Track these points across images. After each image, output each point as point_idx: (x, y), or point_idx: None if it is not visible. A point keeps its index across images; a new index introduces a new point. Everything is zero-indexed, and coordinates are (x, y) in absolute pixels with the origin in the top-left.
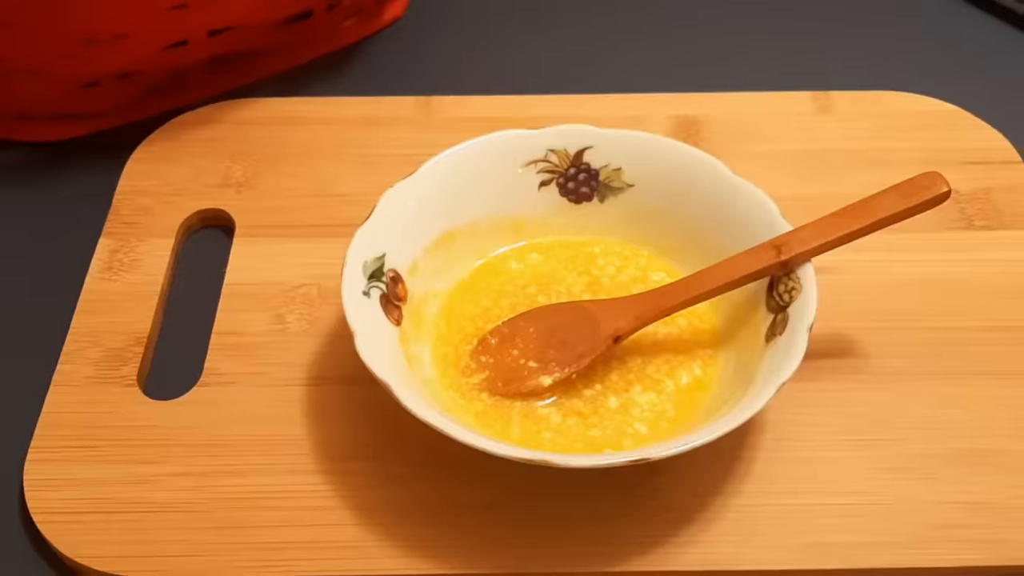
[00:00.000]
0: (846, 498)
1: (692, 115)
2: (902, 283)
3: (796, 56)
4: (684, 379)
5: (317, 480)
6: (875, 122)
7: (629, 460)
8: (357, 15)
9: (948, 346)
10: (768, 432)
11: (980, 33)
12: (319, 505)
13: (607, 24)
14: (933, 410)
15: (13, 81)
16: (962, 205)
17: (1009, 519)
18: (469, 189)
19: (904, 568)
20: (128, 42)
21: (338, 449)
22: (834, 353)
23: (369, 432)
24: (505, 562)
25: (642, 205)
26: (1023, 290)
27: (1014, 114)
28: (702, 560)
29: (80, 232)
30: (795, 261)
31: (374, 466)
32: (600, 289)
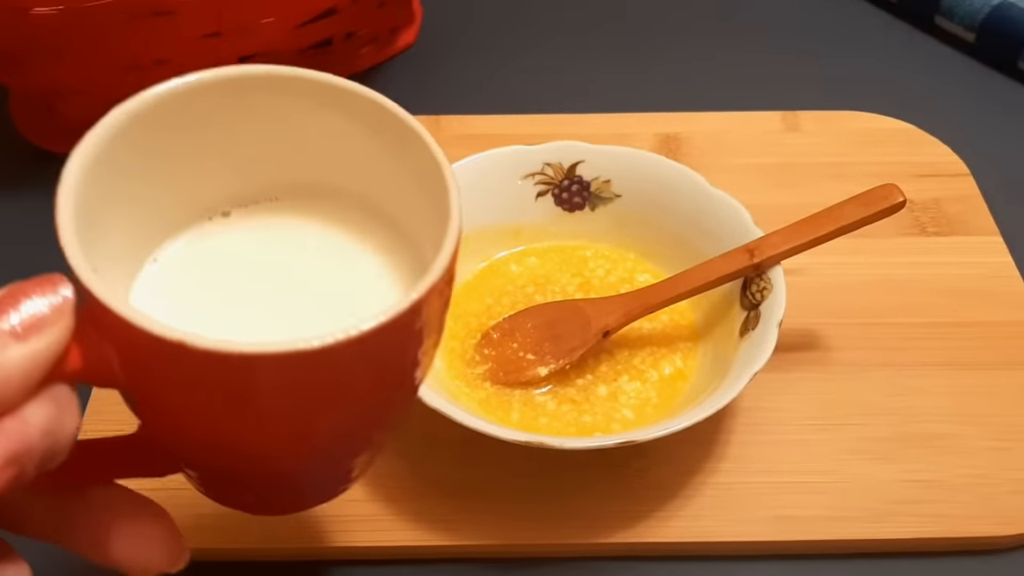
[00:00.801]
0: (811, 477)
1: (673, 132)
2: (862, 283)
3: (767, 80)
4: (667, 370)
5: None
6: (837, 139)
7: (617, 443)
8: (372, 43)
9: (903, 340)
10: (741, 417)
11: (933, 59)
12: None
13: (598, 52)
14: (889, 397)
15: (64, 102)
16: (916, 213)
17: (956, 496)
18: (473, 199)
19: (862, 540)
20: (167, 67)
21: None
22: (801, 346)
23: None
24: (506, 534)
25: (629, 213)
26: (970, 289)
27: (963, 132)
28: (683, 532)
29: None
30: (766, 263)
31: (390, 450)
32: (591, 289)
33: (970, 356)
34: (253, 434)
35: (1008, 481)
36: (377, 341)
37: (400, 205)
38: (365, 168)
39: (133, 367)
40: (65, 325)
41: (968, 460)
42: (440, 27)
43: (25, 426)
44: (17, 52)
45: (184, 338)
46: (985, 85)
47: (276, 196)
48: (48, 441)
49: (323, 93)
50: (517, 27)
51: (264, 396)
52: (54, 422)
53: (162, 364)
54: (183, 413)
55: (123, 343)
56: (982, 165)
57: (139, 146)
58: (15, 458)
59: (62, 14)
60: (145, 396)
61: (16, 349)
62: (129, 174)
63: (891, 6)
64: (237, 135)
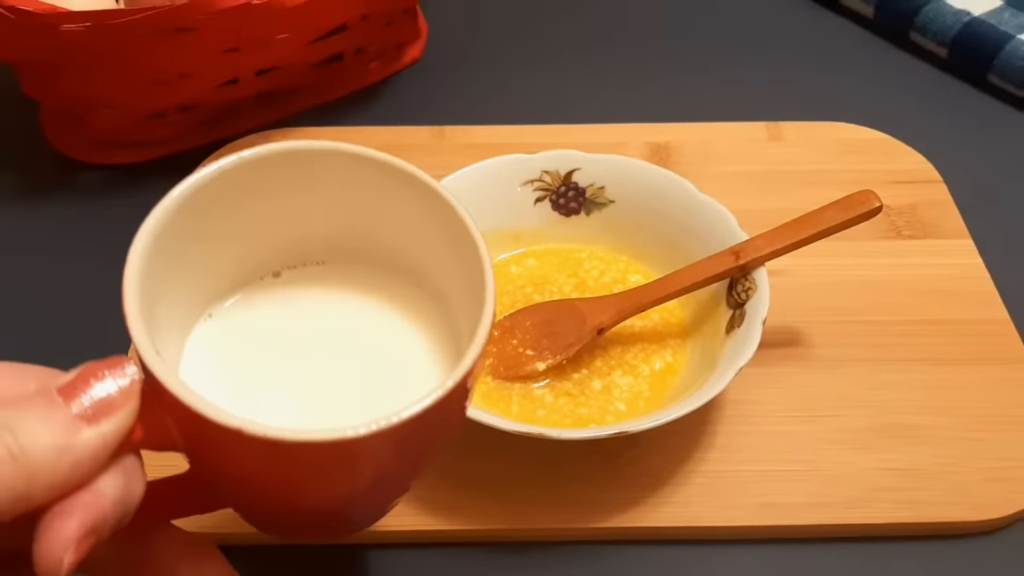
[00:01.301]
0: (793, 465)
1: (664, 142)
2: (841, 284)
3: (751, 92)
4: (657, 365)
5: None
6: (818, 148)
7: (611, 433)
8: (380, 58)
9: (880, 337)
10: (728, 410)
11: (907, 73)
12: None
13: (593, 67)
14: (867, 391)
15: (94, 114)
16: (892, 218)
17: (930, 483)
18: (475, 204)
19: (842, 525)
20: (189, 81)
21: None
22: (784, 343)
23: None
24: (506, 519)
25: (622, 218)
26: (943, 289)
27: (936, 141)
28: (673, 517)
29: None
30: (751, 265)
31: None
32: (586, 289)
33: (943, 352)
34: (299, 498)
35: (980, 469)
36: (414, 426)
37: (439, 276)
38: (408, 240)
39: (191, 440)
40: (132, 407)
41: (941, 450)
42: (444, 43)
43: (99, 498)
44: (48, 67)
45: (242, 426)
46: (957, 98)
47: (323, 260)
48: (120, 508)
49: (375, 169)
50: (517, 43)
51: (311, 473)
52: (124, 491)
53: (219, 443)
54: (235, 479)
55: (183, 421)
56: (954, 173)
57: (200, 216)
58: (93, 529)
59: (90, 31)
60: (201, 462)
61: (88, 432)
62: (190, 242)
63: (868, 23)
64: (290, 203)
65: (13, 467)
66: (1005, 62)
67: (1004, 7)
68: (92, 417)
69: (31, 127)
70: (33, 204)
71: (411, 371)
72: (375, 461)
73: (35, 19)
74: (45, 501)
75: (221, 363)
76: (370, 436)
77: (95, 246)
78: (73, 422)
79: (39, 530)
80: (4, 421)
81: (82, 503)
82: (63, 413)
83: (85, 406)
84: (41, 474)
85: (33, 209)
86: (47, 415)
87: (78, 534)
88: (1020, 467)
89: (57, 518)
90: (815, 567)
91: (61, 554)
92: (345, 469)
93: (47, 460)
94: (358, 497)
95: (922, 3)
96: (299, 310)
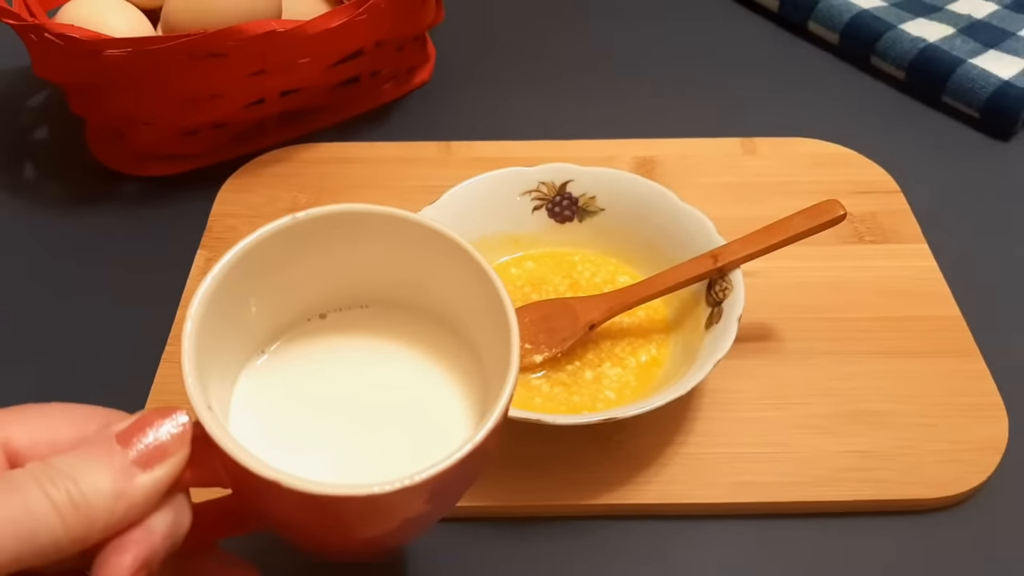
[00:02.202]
0: (766, 448)
1: (649, 156)
2: (809, 284)
3: (728, 112)
4: (643, 357)
5: None
6: (788, 161)
7: (601, 419)
8: (393, 80)
9: (844, 332)
10: (707, 398)
11: (869, 93)
12: None
13: (585, 88)
14: (832, 381)
15: (134, 130)
16: (855, 224)
17: (890, 464)
18: (479, 212)
19: (811, 501)
20: (220, 101)
21: None
22: (758, 338)
23: None
24: (505, 496)
25: (611, 225)
26: (901, 289)
27: (894, 155)
28: (658, 495)
29: (183, 245)
30: (728, 267)
31: None
32: (579, 289)
33: (901, 345)
34: (333, 538)
35: (934, 452)
36: (437, 481)
37: (473, 330)
38: (446, 294)
39: (236, 483)
40: (184, 454)
41: (899, 434)
42: (451, 67)
43: (151, 535)
44: (93, 88)
45: (279, 478)
46: (914, 116)
47: (367, 304)
48: (169, 542)
49: (420, 232)
50: (517, 67)
51: (343, 520)
52: (173, 527)
53: (261, 490)
54: (276, 518)
55: (229, 468)
56: (911, 184)
57: (253, 275)
58: (145, 564)
59: (131, 55)
60: (245, 499)
61: (143, 478)
62: (243, 298)
63: (834, 48)
64: (339, 257)
65: (75, 514)
66: (957, 84)
67: (956, 35)
68: (147, 463)
69: (77, 142)
70: (78, 211)
71: (443, 419)
72: (402, 511)
73: (81, 45)
74: (102, 539)
75: (267, 408)
76: (395, 492)
77: (134, 249)
78: (129, 468)
79: (96, 565)
80: (66, 470)
81: (135, 540)
82: (120, 460)
83: (141, 452)
84: (100, 518)
85: (78, 216)
86: (106, 462)
87: (131, 569)
88: (970, 450)
89: (113, 553)
90: (786, 540)
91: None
92: (374, 518)
93: (105, 505)
94: (390, 535)
95: (882, 30)
96: (342, 352)
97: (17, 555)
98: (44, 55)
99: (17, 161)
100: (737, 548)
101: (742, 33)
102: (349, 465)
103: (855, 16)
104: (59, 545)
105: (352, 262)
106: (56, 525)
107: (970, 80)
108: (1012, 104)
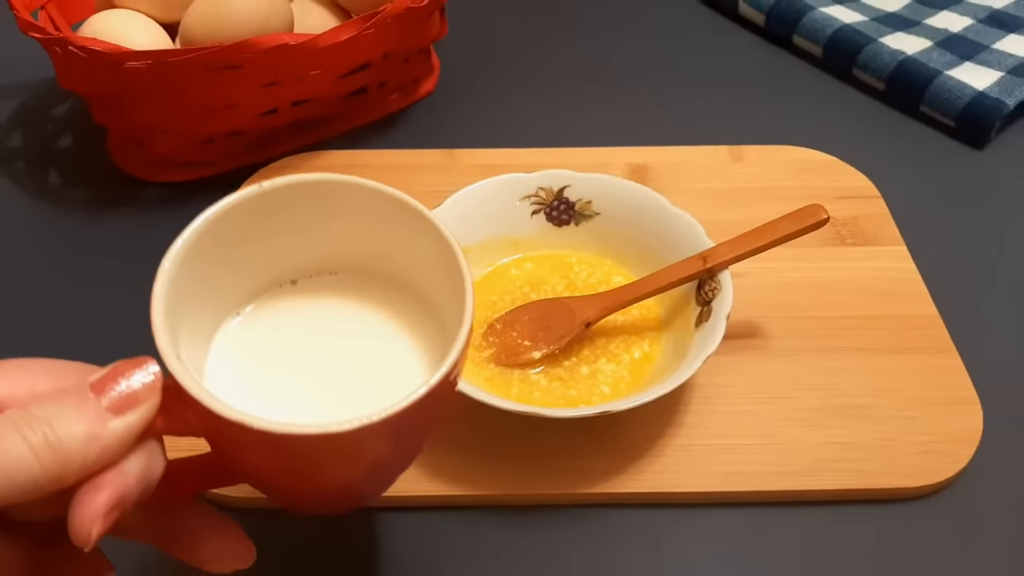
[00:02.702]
0: (754, 440)
1: (642, 163)
2: (794, 284)
3: (717, 120)
4: (637, 354)
5: None
6: (774, 168)
7: (597, 412)
8: (399, 90)
9: (826, 329)
10: (697, 392)
11: (851, 104)
12: None
13: (582, 98)
14: (816, 376)
15: (153, 139)
16: (837, 228)
17: (871, 455)
18: (480, 216)
19: (796, 491)
20: (235, 110)
21: None
22: (745, 335)
23: None
24: (505, 486)
25: (606, 228)
26: (881, 289)
27: (875, 162)
28: (651, 484)
29: None
30: (717, 268)
31: None
32: (576, 289)
33: (881, 343)
34: (303, 481)
35: (912, 444)
36: (396, 421)
37: (435, 294)
38: (411, 261)
39: (207, 430)
40: (154, 401)
41: (880, 426)
42: (454, 78)
43: (124, 477)
44: (114, 98)
45: (243, 419)
46: (893, 125)
47: (336, 271)
48: (142, 485)
49: (383, 200)
50: (517, 78)
51: (308, 461)
52: (146, 470)
53: (229, 434)
54: (247, 465)
55: (199, 414)
56: (891, 189)
57: (222, 241)
58: (119, 503)
59: (151, 67)
60: (218, 448)
61: (115, 423)
62: (213, 261)
63: (817, 60)
64: (308, 226)
65: (52, 455)
66: (935, 95)
67: (933, 48)
68: (119, 409)
69: (99, 150)
70: (100, 216)
71: (406, 374)
72: (365, 451)
73: (103, 57)
74: (78, 480)
75: (241, 363)
76: (356, 431)
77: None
78: (103, 414)
79: (72, 504)
80: (43, 415)
81: (109, 481)
82: (94, 406)
83: (113, 399)
84: (74, 459)
85: (101, 219)
86: (81, 409)
87: (106, 507)
88: (946, 441)
89: (88, 493)
90: (773, 527)
91: (91, 524)
92: (339, 458)
93: (79, 447)
94: (356, 480)
95: (863, 44)
96: (313, 313)
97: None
98: (68, 67)
99: (43, 168)
100: (727, 535)
101: (730, 47)
102: (319, 415)
103: (837, 30)
104: (38, 484)
105: (321, 231)
106: (33, 465)
107: (946, 91)
108: (986, 114)
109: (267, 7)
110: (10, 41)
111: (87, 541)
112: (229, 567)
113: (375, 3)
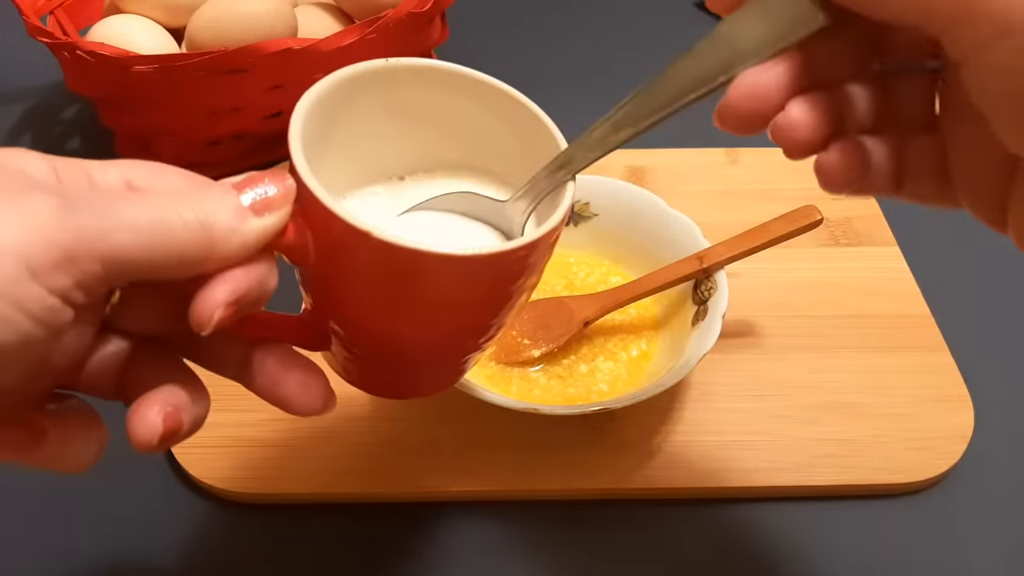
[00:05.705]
0: (748, 436)
1: (640, 165)
2: (788, 284)
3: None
4: (634, 352)
5: (373, 424)
6: (769, 170)
7: (595, 410)
8: None
9: (820, 328)
10: (694, 390)
11: None
12: (373, 441)
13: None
14: (810, 374)
15: (160, 141)
16: (831, 228)
17: (864, 451)
18: None
19: (790, 486)
20: (240, 113)
21: (388, 404)
22: (740, 334)
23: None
24: (506, 481)
25: (604, 229)
26: (873, 289)
27: None
28: (647, 480)
29: None
30: (713, 268)
31: (417, 415)
32: (574, 288)
33: (873, 341)
34: (401, 324)
35: (903, 440)
36: (500, 261)
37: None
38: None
39: (325, 249)
40: (288, 209)
41: (873, 423)
42: None
43: (248, 277)
44: (122, 101)
45: (371, 229)
46: None
47: (431, 169)
48: (257, 292)
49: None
50: (514, 82)
51: (419, 284)
52: (265, 279)
53: (349, 249)
54: (351, 294)
55: (323, 228)
56: None
57: (345, 104)
58: (238, 300)
59: (157, 71)
60: (325, 274)
61: (253, 221)
62: (338, 124)
63: None
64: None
65: (202, 234)
66: None
67: None
68: (258, 210)
69: (107, 152)
70: None
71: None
72: (464, 283)
73: (111, 62)
74: (213, 270)
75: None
76: (476, 257)
77: None
78: (244, 211)
79: (199, 291)
80: (196, 201)
81: (235, 276)
82: (237, 202)
83: (253, 200)
84: (218, 246)
85: None
86: (226, 201)
87: (228, 298)
88: (938, 438)
89: (217, 281)
90: (767, 521)
91: (213, 309)
92: (446, 286)
93: (224, 236)
94: (447, 326)
95: None
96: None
97: (151, 260)
98: (76, 71)
99: None
100: (722, 529)
101: None
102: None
103: None
104: (184, 260)
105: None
106: (185, 239)
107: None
108: None
109: (271, 12)
110: (19, 46)
111: (208, 323)
112: (308, 409)
113: (378, 8)
